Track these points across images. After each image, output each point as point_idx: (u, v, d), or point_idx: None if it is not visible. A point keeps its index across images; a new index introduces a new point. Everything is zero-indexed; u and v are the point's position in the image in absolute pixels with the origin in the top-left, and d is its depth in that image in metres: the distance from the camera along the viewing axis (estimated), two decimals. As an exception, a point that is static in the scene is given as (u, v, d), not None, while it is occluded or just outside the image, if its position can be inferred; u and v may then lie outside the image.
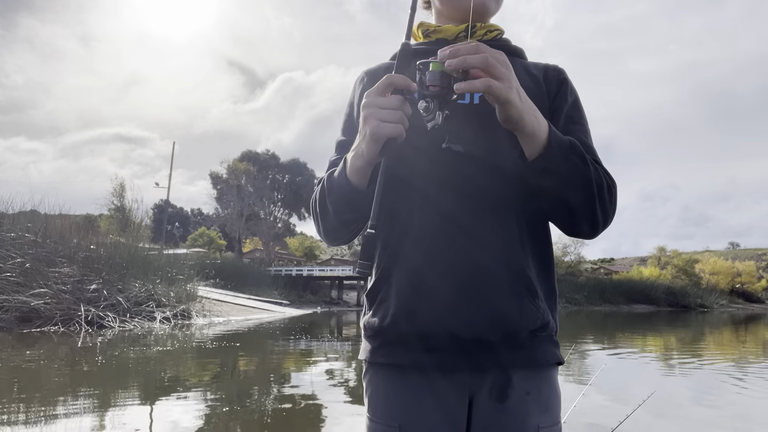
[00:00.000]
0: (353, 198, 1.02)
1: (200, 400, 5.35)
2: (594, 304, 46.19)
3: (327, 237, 1.16)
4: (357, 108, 1.18)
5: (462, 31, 1.16)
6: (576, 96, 1.18)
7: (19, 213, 15.36)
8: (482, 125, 1.05)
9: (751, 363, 9.51)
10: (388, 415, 1.05)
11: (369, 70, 1.24)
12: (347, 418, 4.79)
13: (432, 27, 1.20)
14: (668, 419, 4.78)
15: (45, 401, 5.04)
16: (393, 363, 1.06)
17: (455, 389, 1.03)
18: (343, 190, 1.02)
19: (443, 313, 1.01)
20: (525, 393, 1.05)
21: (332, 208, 1.06)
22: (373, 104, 0.92)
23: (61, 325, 11.73)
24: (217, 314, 17.40)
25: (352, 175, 1.01)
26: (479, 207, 1.04)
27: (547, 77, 1.17)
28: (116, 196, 32.86)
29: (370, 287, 1.10)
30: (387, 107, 0.91)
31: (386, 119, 0.91)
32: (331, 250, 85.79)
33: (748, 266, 69.80)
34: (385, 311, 1.06)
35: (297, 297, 34.94)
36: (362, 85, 1.22)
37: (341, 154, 1.16)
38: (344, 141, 1.20)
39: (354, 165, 0.99)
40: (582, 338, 13.38)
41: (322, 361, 8.92)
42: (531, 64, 1.20)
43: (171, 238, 48.51)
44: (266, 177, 50.67)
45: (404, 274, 1.05)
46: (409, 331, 1.03)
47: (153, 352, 8.98)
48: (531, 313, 1.03)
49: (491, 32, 1.18)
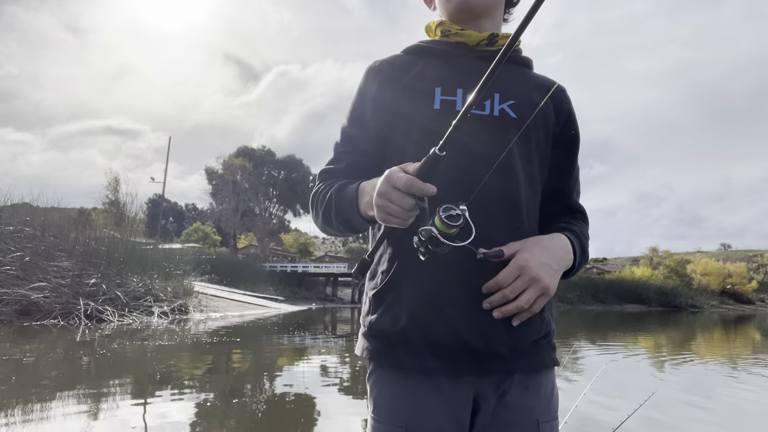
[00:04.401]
0: (360, 225, 1.09)
1: (201, 395, 5.40)
2: (586, 303, 46.32)
3: (324, 232, 1.21)
4: (372, 99, 1.19)
5: (484, 39, 1.17)
6: (577, 128, 1.25)
7: (11, 206, 15.31)
8: (497, 138, 1.09)
9: (750, 362, 9.61)
10: (394, 416, 1.07)
11: (384, 60, 1.22)
12: (343, 414, 4.84)
13: (454, 29, 1.19)
14: (669, 419, 4.79)
15: (43, 395, 5.08)
16: (401, 366, 1.08)
17: (460, 391, 1.07)
18: (352, 216, 1.06)
19: (458, 324, 1.04)
20: (524, 388, 1.10)
21: (337, 224, 1.12)
22: (387, 197, 0.91)
23: (60, 318, 11.76)
24: (214, 309, 17.43)
25: (364, 212, 1.03)
26: (494, 219, 1.06)
27: (558, 106, 1.21)
28: (110, 190, 32.61)
29: (379, 288, 1.10)
30: (399, 206, 0.90)
31: (395, 216, 0.91)
32: (325, 247, 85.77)
33: (739, 267, 70.18)
34: (396, 315, 1.07)
35: (292, 293, 34.94)
36: (379, 77, 1.19)
37: (346, 147, 1.21)
38: (351, 132, 1.21)
39: (366, 209, 1.02)
40: (579, 339, 13.47)
41: (319, 357, 8.99)
42: (542, 81, 1.23)
43: (165, 233, 48.35)
44: (261, 173, 50.56)
45: (418, 281, 1.06)
46: (420, 338, 1.05)
47: (153, 347, 9.02)
48: (538, 325, 1.10)
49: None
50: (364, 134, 1.18)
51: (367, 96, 1.20)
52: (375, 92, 1.18)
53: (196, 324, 13.75)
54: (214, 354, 8.59)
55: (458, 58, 1.18)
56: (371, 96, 1.19)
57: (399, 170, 0.91)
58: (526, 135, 1.11)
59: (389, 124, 1.15)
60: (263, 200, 51.60)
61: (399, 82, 1.17)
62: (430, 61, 1.19)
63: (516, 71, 1.20)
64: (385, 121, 1.16)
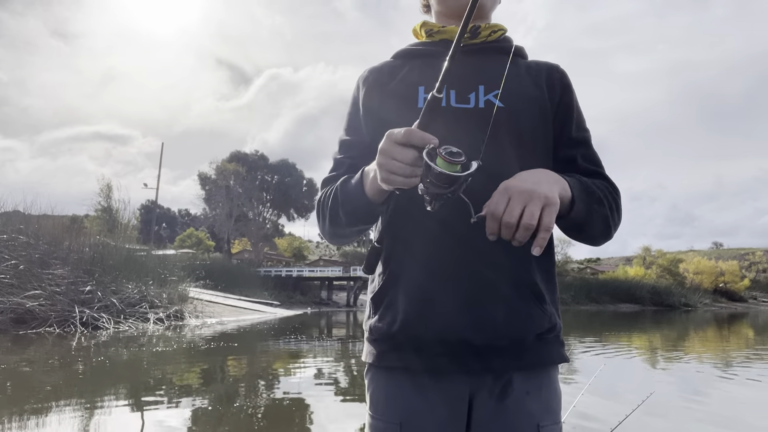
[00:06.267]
0: (368, 211, 1.04)
1: (198, 401, 5.39)
2: (581, 303, 46.54)
3: (332, 239, 1.18)
4: (362, 107, 1.20)
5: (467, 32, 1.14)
6: (577, 101, 1.21)
7: (3, 213, 15.24)
8: (484, 131, 1.01)
9: (748, 361, 9.68)
10: (390, 413, 1.07)
11: (373, 68, 1.24)
12: (339, 418, 4.86)
13: (436, 27, 1.20)
14: (668, 419, 4.80)
15: (40, 403, 5.07)
16: (402, 367, 1.08)
17: (456, 388, 1.06)
18: (359, 201, 1.03)
19: (454, 321, 1.03)
20: (525, 392, 1.07)
21: (345, 219, 1.08)
22: (388, 154, 0.89)
23: (56, 326, 11.71)
24: (210, 315, 17.41)
25: (371, 190, 1.01)
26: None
27: (550, 81, 1.18)
28: (103, 196, 32.44)
29: (377, 291, 1.11)
30: (401, 161, 0.88)
31: (398, 172, 0.88)
32: (319, 251, 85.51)
33: (732, 266, 70.71)
34: (393, 316, 1.07)
35: (287, 298, 34.88)
36: (367, 84, 1.21)
37: (345, 154, 1.20)
38: (348, 141, 1.21)
39: (372, 185, 0.99)
40: (576, 338, 13.52)
41: (315, 361, 9.01)
42: (533, 65, 1.21)
43: (158, 239, 48.18)
44: (255, 178, 50.46)
45: (413, 280, 1.05)
46: (418, 337, 1.05)
47: (149, 353, 9.00)
48: (539, 318, 1.07)
49: (495, 32, 1.20)
50: (360, 140, 1.19)
51: (357, 104, 1.22)
52: (363, 99, 1.20)
53: (192, 330, 13.73)
54: (211, 360, 8.58)
55: (442, 56, 1.07)
56: (361, 103, 1.20)
57: (397, 128, 0.90)
58: (515, 120, 1.10)
59: (378, 129, 1.06)
60: (257, 205, 51.49)
61: (385, 87, 1.18)
62: (416, 63, 1.20)
63: (499, 60, 1.15)
64: (373, 126, 1.15)
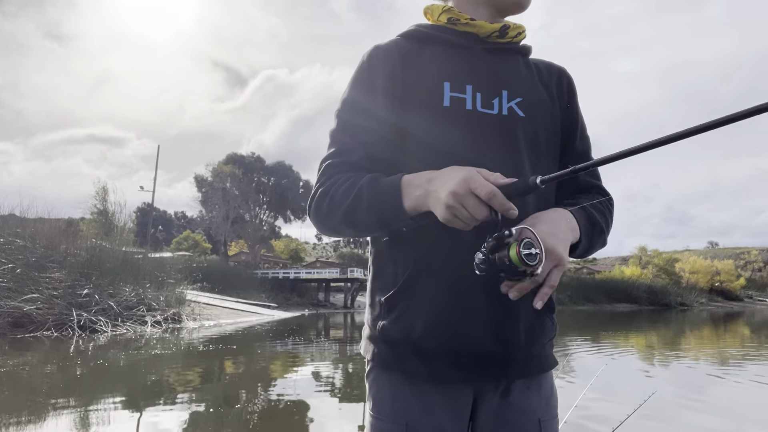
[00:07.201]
0: (398, 223, 0.97)
1: (196, 403, 5.38)
2: (577, 303, 46.61)
3: (329, 231, 1.10)
4: (381, 89, 1.09)
5: (496, 31, 1.13)
6: (577, 112, 1.23)
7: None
8: (505, 140, 1.07)
9: (747, 361, 9.71)
10: (395, 414, 1.05)
11: (384, 47, 1.13)
12: (337, 420, 4.86)
13: (464, 18, 1.12)
14: (670, 419, 4.81)
15: (37, 406, 5.06)
16: (413, 374, 1.06)
17: (462, 390, 1.07)
18: (394, 213, 0.96)
19: (477, 333, 1.02)
20: (526, 388, 1.10)
21: (365, 220, 1.00)
22: (462, 202, 0.86)
23: (53, 330, 11.67)
24: (207, 317, 17.38)
25: (411, 205, 0.95)
26: None
27: (560, 86, 1.19)
28: (99, 199, 32.30)
29: (393, 292, 1.06)
30: (472, 213, 0.86)
31: (464, 221, 0.88)
32: (316, 253, 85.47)
33: (727, 265, 71.02)
34: (411, 323, 1.04)
35: (284, 300, 34.84)
36: (387, 66, 1.10)
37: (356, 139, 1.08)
38: (358, 122, 1.10)
39: (416, 202, 0.94)
40: (575, 339, 13.55)
41: (313, 363, 9.00)
42: (543, 68, 1.20)
43: (155, 242, 48.07)
44: (251, 180, 50.44)
45: (434, 288, 1.03)
46: (437, 347, 1.03)
47: (147, 356, 8.99)
48: (550, 328, 1.12)
49: (520, 34, 1.17)
50: (377, 126, 1.08)
51: (375, 84, 1.10)
52: (384, 81, 1.09)
53: (190, 332, 13.71)
54: (209, 362, 8.57)
55: (466, 49, 1.13)
56: (380, 85, 1.09)
57: (480, 176, 0.87)
58: (533, 129, 1.10)
59: (401, 116, 1.07)
60: (253, 207, 51.45)
61: (406, 72, 1.09)
62: (436, 49, 1.13)
63: (520, 63, 1.17)
64: (397, 113, 1.07)
